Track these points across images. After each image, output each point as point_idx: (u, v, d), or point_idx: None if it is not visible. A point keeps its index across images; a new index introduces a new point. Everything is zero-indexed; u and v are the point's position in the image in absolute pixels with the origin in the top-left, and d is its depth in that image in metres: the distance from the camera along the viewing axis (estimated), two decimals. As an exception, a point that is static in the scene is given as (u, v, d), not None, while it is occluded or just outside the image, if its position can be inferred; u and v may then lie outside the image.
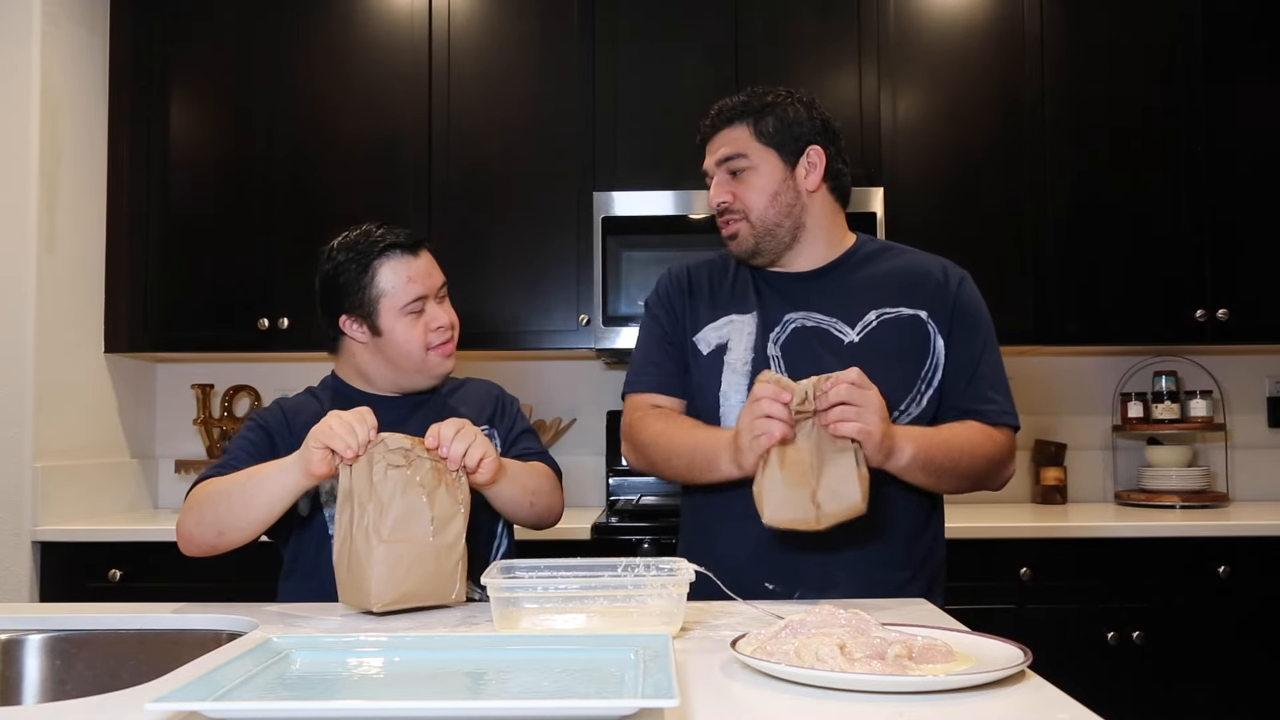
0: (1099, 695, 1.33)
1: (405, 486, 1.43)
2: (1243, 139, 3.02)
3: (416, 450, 1.45)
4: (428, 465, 1.45)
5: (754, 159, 1.65)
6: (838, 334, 1.65)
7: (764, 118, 1.65)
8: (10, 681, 1.42)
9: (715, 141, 1.69)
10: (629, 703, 0.86)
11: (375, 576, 1.39)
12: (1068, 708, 0.97)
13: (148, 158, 3.11)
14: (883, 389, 1.57)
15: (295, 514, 1.64)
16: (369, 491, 1.42)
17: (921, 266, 1.71)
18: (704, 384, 1.69)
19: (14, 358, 2.80)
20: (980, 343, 1.66)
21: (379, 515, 1.41)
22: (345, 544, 1.44)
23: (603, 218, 2.97)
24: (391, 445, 1.43)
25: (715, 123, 1.70)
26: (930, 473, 1.53)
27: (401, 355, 1.71)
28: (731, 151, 1.66)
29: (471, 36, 3.10)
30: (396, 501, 1.42)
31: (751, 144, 1.66)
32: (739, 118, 1.67)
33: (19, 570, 2.74)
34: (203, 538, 1.55)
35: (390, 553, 1.40)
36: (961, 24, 3.07)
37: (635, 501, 3.16)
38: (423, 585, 1.43)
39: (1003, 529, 2.68)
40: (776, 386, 1.42)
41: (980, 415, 1.63)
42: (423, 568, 1.43)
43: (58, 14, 2.92)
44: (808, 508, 1.40)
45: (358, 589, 1.42)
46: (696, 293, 1.75)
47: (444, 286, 1.77)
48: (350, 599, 1.44)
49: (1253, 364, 3.36)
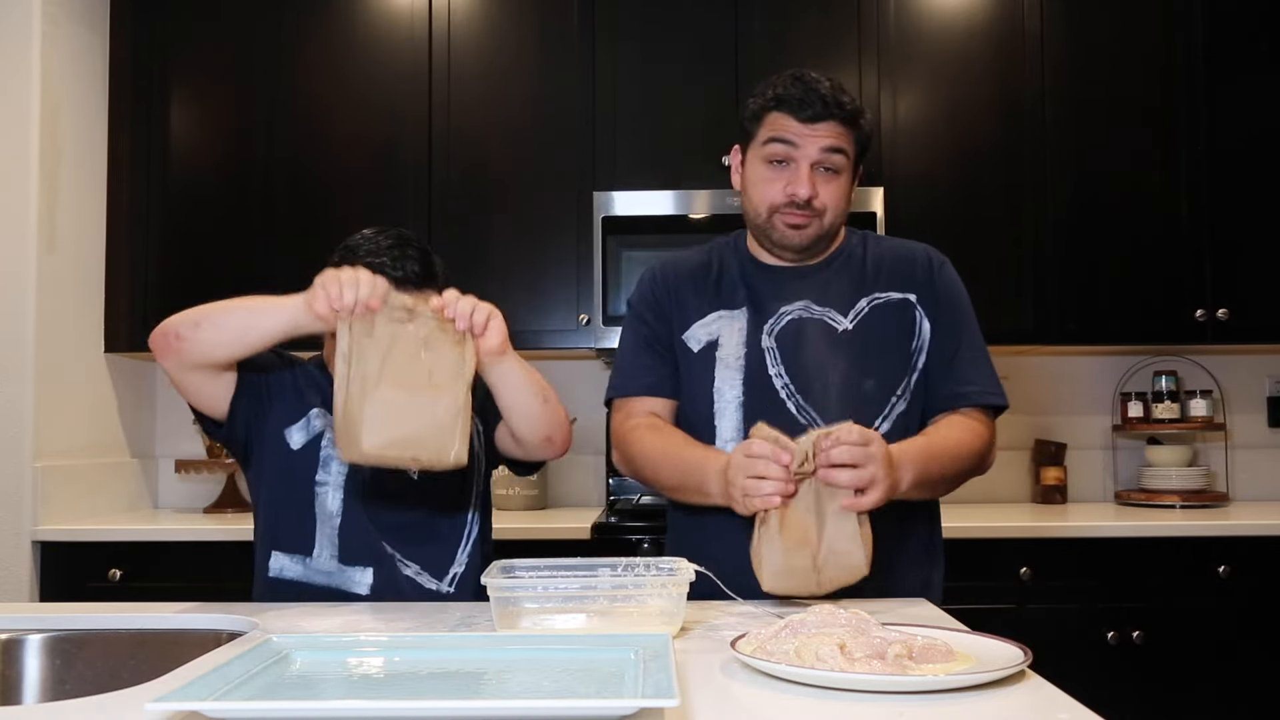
0: (1099, 695, 1.32)
1: (406, 340, 1.41)
2: (1243, 139, 3.02)
3: (420, 308, 1.42)
4: (432, 324, 1.42)
5: (847, 165, 1.63)
6: (832, 323, 1.65)
7: (861, 128, 1.63)
8: (10, 681, 1.42)
9: (823, 129, 1.59)
10: (629, 703, 0.86)
11: (368, 418, 1.37)
12: (1067, 708, 0.97)
13: (148, 158, 3.11)
14: (878, 375, 1.58)
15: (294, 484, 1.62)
16: (369, 343, 1.40)
17: (907, 252, 1.72)
18: (696, 382, 1.67)
19: (14, 358, 2.80)
20: (960, 324, 1.67)
21: (377, 364, 1.39)
22: (343, 393, 1.40)
23: (603, 218, 2.98)
24: (395, 304, 1.41)
25: (832, 109, 1.59)
26: (926, 488, 1.53)
27: None
28: (840, 146, 1.60)
29: (471, 36, 3.10)
30: (395, 352, 1.40)
31: (851, 148, 1.63)
32: (852, 118, 1.61)
33: (19, 570, 2.74)
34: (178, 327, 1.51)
35: (384, 397, 1.38)
36: (961, 24, 3.07)
37: (635, 501, 3.16)
38: (417, 434, 1.38)
39: (1003, 529, 2.69)
40: (775, 446, 1.38)
41: (964, 399, 1.63)
42: (418, 418, 1.39)
43: (58, 14, 2.92)
44: (808, 574, 1.37)
45: (350, 435, 1.39)
46: (682, 291, 1.72)
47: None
48: (346, 449, 1.40)
49: (1253, 364, 3.36)
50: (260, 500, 1.71)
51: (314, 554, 1.64)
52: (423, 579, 1.66)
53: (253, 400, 1.64)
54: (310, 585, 1.63)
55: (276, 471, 1.66)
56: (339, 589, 1.63)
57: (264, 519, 1.70)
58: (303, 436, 1.66)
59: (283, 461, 1.65)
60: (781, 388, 1.62)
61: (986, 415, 1.65)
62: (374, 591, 1.62)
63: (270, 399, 1.66)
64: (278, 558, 1.65)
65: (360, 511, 1.64)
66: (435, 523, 1.69)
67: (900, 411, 1.63)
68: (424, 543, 1.67)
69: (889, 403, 1.62)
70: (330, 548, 1.63)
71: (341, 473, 1.65)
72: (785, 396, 1.61)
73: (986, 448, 1.62)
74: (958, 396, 1.63)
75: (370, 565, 1.63)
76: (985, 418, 1.65)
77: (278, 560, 1.65)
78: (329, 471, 1.65)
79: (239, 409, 1.63)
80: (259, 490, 1.71)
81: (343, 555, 1.63)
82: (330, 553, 1.63)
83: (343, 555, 1.63)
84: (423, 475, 1.64)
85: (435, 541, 1.68)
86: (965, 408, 1.63)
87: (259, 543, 1.70)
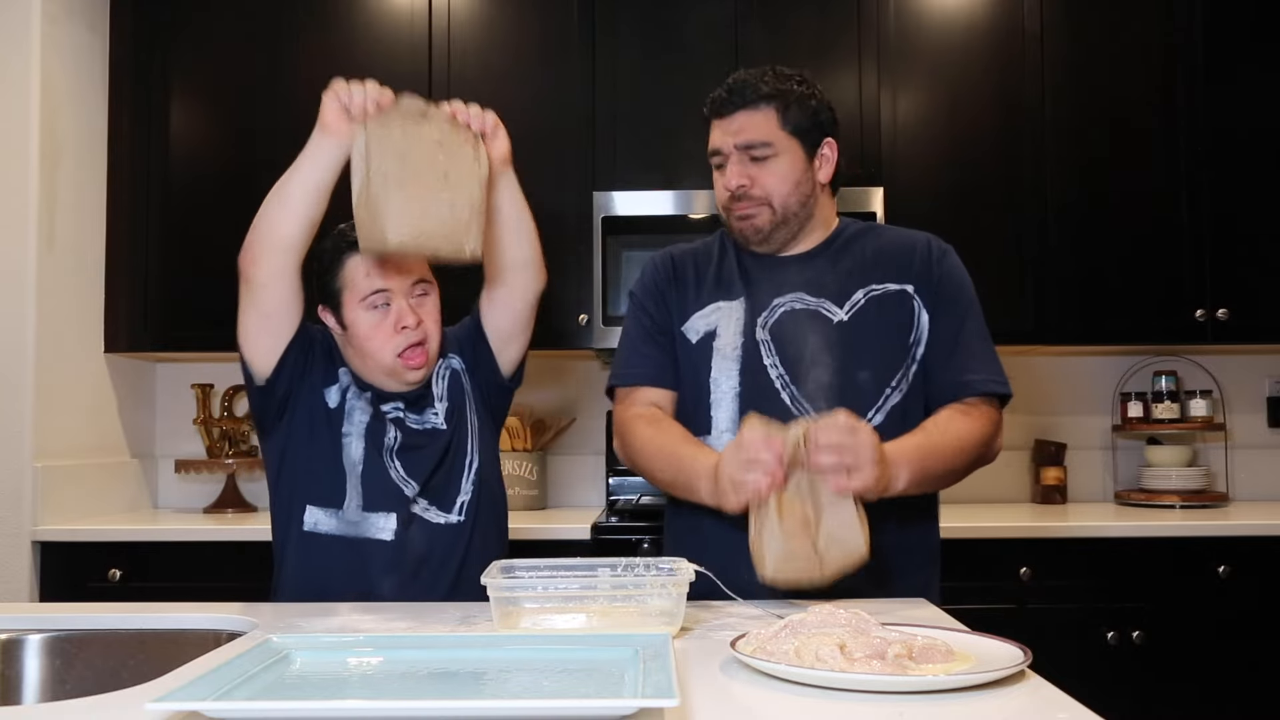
0: (1099, 695, 1.32)
1: (422, 140, 1.47)
2: (1243, 139, 3.02)
3: (433, 111, 1.49)
4: (445, 127, 1.50)
5: (778, 146, 1.62)
6: (827, 314, 1.65)
7: (790, 106, 1.61)
8: (10, 681, 1.42)
9: (735, 121, 1.63)
10: (629, 702, 0.86)
11: (392, 213, 1.43)
12: (1067, 708, 0.97)
13: (148, 158, 3.11)
14: (873, 366, 1.58)
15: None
16: (386, 142, 1.46)
17: (907, 242, 1.71)
18: (693, 372, 1.68)
19: (14, 358, 2.80)
20: (962, 313, 1.66)
21: (398, 163, 1.45)
22: (364, 188, 1.46)
23: (603, 217, 2.98)
24: (407, 107, 1.49)
25: (736, 100, 1.62)
26: (926, 484, 1.53)
27: (368, 353, 1.70)
28: (756, 138, 1.61)
29: (471, 36, 3.10)
30: (413, 153, 1.46)
31: (777, 132, 1.62)
32: (765, 101, 1.61)
33: (19, 570, 2.74)
34: (250, 232, 1.64)
35: (406, 194, 1.44)
36: (961, 24, 3.07)
37: (635, 501, 3.16)
38: (438, 229, 1.45)
39: (1003, 529, 2.68)
40: (766, 434, 1.38)
41: (966, 388, 1.62)
42: (438, 214, 1.45)
43: (58, 14, 2.92)
44: (810, 559, 1.37)
45: (374, 227, 1.44)
46: (683, 281, 1.73)
47: (423, 284, 1.73)
48: (368, 240, 1.46)
49: (1253, 364, 3.36)
50: (288, 459, 1.74)
51: (344, 505, 1.70)
52: (430, 514, 1.71)
53: (300, 354, 1.72)
54: (341, 539, 1.69)
55: (313, 427, 1.73)
56: (366, 538, 1.69)
57: (295, 477, 1.74)
58: (338, 396, 1.74)
59: (321, 417, 1.72)
60: (777, 378, 1.62)
61: (991, 403, 1.64)
62: (395, 537, 1.68)
63: (313, 358, 1.75)
64: (312, 511, 1.71)
65: (376, 456, 1.71)
66: (441, 458, 1.74)
67: (895, 404, 1.62)
68: (432, 476, 1.73)
69: (883, 394, 1.62)
70: (357, 497, 1.70)
71: (363, 422, 1.72)
72: (780, 387, 1.62)
73: (990, 436, 1.61)
74: (960, 385, 1.62)
75: (392, 510, 1.69)
76: (990, 406, 1.63)
77: (312, 514, 1.71)
78: (352, 422, 1.72)
79: (288, 361, 1.70)
80: (288, 449, 1.75)
81: (366, 502, 1.70)
82: (357, 502, 1.70)
83: (366, 502, 1.70)
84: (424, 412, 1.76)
85: (441, 473, 1.74)
86: (969, 397, 1.62)
87: (284, 502, 1.75)
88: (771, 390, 1.62)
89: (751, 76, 1.63)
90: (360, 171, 1.47)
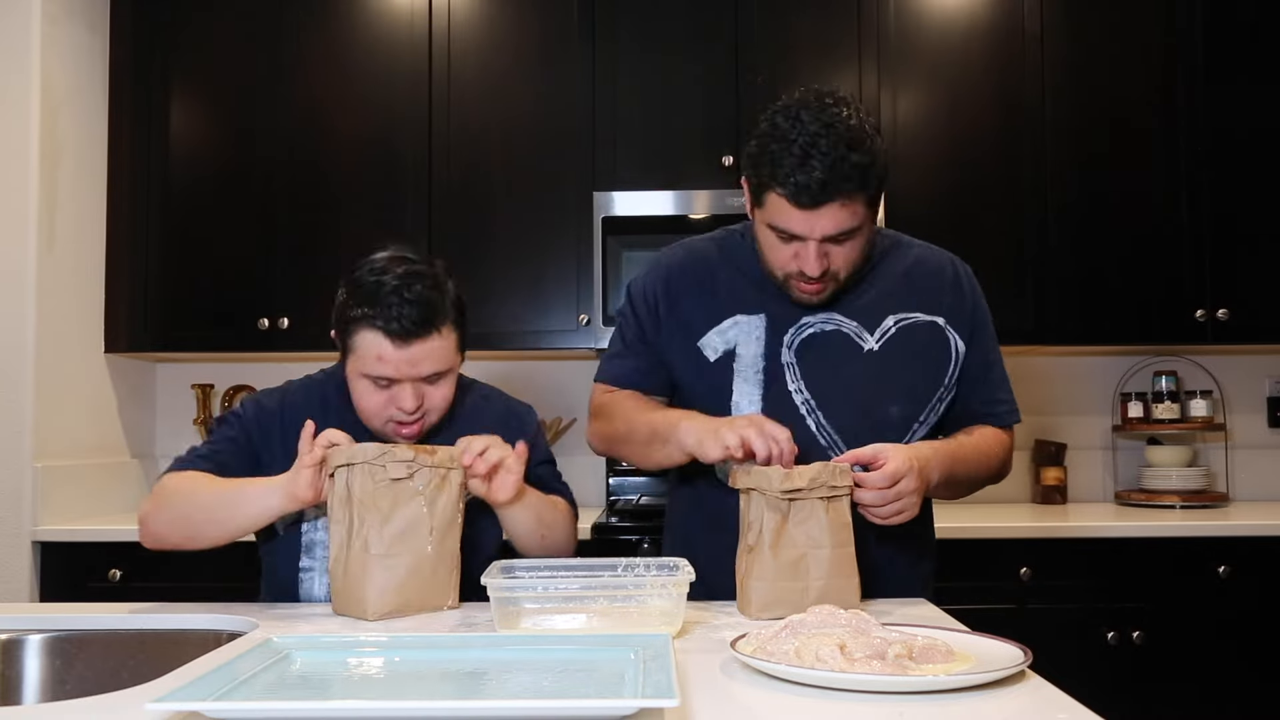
0: (1099, 695, 1.32)
1: (407, 497, 1.42)
2: (1243, 139, 3.02)
3: (420, 460, 1.43)
4: (430, 472, 1.44)
5: (861, 224, 1.49)
6: (858, 341, 1.60)
7: (871, 179, 1.45)
8: (10, 681, 1.42)
9: (823, 215, 1.44)
10: (629, 703, 0.86)
11: (372, 588, 1.39)
12: (1067, 708, 0.97)
13: (148, 158, 3.11)
14: (902, 401, 1.57)
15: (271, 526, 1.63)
16: (369, 501, 1.41)
17: (934, 264, 1.68)
18: (714, 393, 1.59)
19: (14, 358, 2.80)
20: (988, 341, 1.67)
21: (378, 527, 1.40)
22: (342, 553, 1.42)
23: (603, 218, 2.97)
24: (397, 457, 1.41)
25: (829, 194, 1.42)
26: (948, 489, 1.57)
27: (358, 410, 1.58)
28: (849, 226, 1.46)
29: (471, 37, 3.10)
30: (397, 514, 1.42)
31: (862, 211, 1.47)
32: (858, 189, 1.44)
33: (19, 570, 2.74)
34: (169, 538, 1.54)
35: (388, 565, 1.40)
36: (961, 24, 3.07)
37: (635, 501, 3.15)
38: (418, 594, 1.43)
39: (1003, 529, 2.68)
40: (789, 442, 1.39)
41: (993, 418, 1.66)
42: (419, 579, 1.42)
43: (58, 14, 2.92)
44: (798, 606, 1.29)
45: (353, 599, 1.41)
46: (688, 300, 1.63)
47: (438, 375, 1.55)
48: (345, 608, 1.43)
49: (1253, 364, 3.36)
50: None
51: None
52: None
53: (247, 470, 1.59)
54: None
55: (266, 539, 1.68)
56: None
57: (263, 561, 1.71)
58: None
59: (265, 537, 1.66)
60: (802, 403, 1.58)
61: (1009, 431, 1.69)
62: None
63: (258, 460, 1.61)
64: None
65: None
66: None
67: (920, 436, 1.61)
68: None
69: (911, 429, 1.60)
70: None
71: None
72: (805, 413, 1.57)
73: (1008, 459, 1.68)
74: (989, 416, 1.66)
75: None
76: (1009, 432, 1.69)
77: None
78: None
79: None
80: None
81: None
82: None
83: None
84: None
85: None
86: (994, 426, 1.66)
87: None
88: (796, 414, 1.56)
89: (837, 156, 1.41)
90: (339, 533, 1.42)
